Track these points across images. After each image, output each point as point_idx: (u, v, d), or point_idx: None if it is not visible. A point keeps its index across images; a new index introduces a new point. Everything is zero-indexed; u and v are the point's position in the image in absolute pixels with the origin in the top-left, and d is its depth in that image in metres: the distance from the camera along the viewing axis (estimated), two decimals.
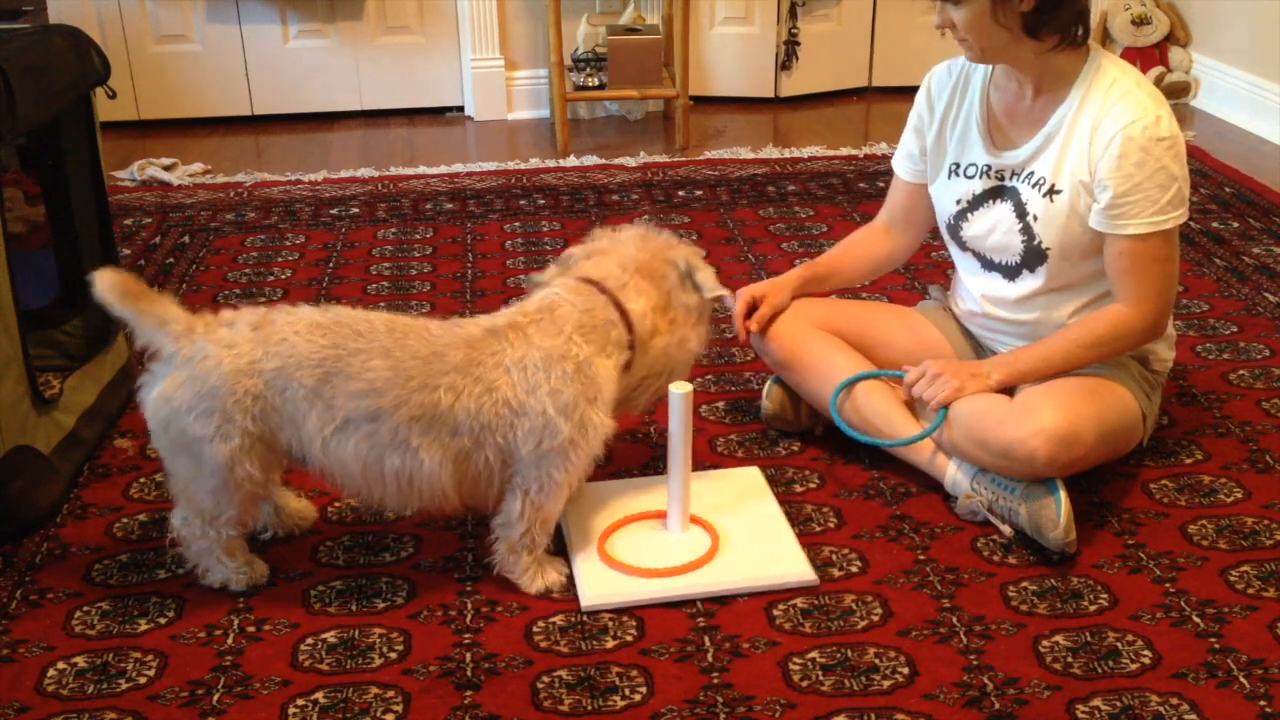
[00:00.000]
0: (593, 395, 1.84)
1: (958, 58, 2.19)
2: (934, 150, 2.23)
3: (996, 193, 2.14)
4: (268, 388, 1.78)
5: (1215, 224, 3.38)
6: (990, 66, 2.13)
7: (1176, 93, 4.56)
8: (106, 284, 1.80)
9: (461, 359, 1.80)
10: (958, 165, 2.18)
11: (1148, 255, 2.01)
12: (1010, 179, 2.12)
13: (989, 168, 2.14)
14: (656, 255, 2.00)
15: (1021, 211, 2.09)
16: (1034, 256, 2.11)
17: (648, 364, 1.98)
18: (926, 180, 2.28)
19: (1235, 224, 3.38)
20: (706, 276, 2.03)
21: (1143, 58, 4.60)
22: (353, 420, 1.78)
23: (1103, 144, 1.98)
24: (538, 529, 1.88)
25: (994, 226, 2.14)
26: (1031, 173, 2.08)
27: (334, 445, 1.79)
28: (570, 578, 1.94)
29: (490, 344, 1.83)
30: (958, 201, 2.19)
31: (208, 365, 1.78)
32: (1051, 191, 2.06)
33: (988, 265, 2.20)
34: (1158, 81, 4.53)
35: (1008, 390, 2.11)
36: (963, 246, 2.23)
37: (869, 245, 2.39)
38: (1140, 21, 4.58)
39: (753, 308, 2.30)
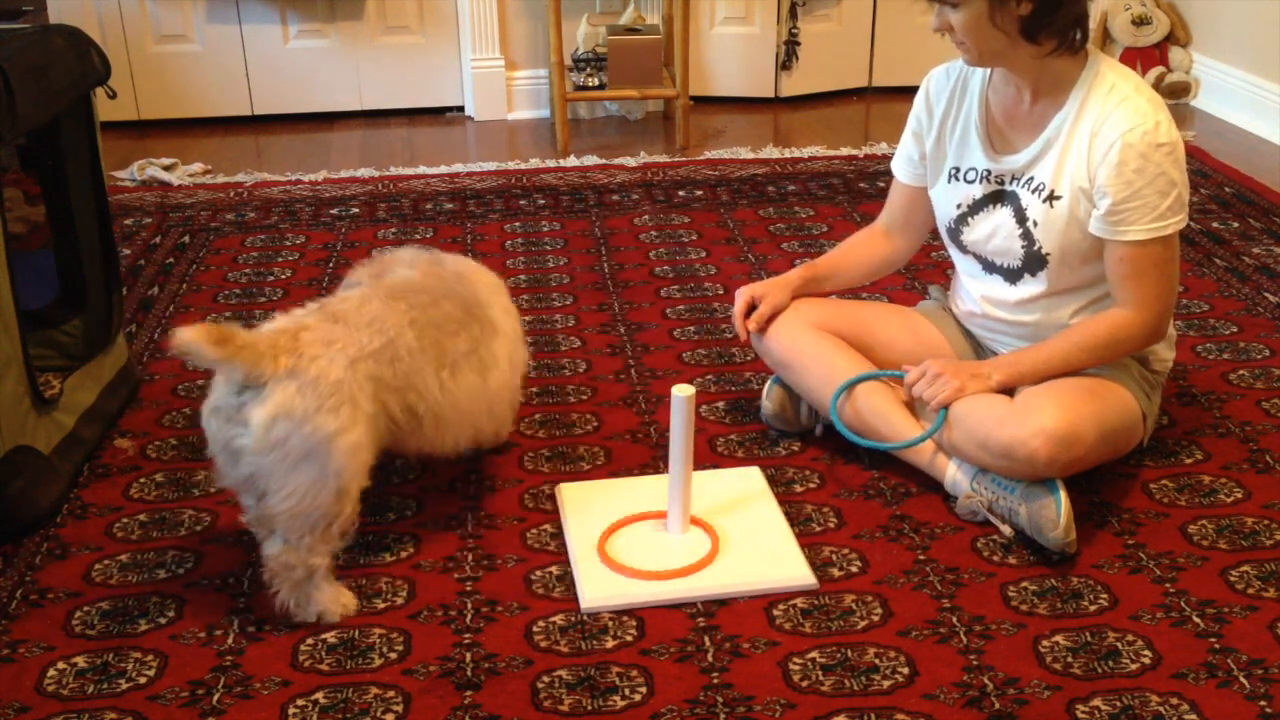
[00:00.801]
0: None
1: (956, 60, 2.19)
2: (933, 154, 2.23)
3: (997, 197, 2.13)
4: (381, 364, 1.87)
5: (1215, 224, 3.38)
6: (988, 70, 2.13)
7: (1176, 93, 4.56)
8: (193, 339, 1.71)
9: (469, 291, 2.09)
10: (957, 169, 2.18)
11: (1147, 261, 2.01)
12: (1010, 184, 2.12)
13: (989, 172, 2.13)
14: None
15: (1021, 217, 2.09)
16: (1034, 261, 2.11)
17: None
18: (926, 184, 2.28)
19: (1235, 224, 3.38)
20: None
21: (1143, 58, 4.60)
22: (461, 356, 1.98)
23: (1102, 150, 1.98)
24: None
25: (994, 231, 2.14)
26: (1031, 178, 2.08)
27: (450, 385, 1.96)
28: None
29: (467, 273, 2.15)
30: (958, 206, 2.19)
31: (321, 365, 1.79)
32: (1051, 197, 2.05)
33: (989, 268, 2.20)
34: (1158, 81, 4.53)
35: (1008, 390, 2.11)
36: (963, 249, 2.23)
37: (869, 247, 2.40)
38: (1140, 21, 4.57)
39: (752, 307, 2.30)
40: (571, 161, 4.01)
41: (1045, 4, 1.94)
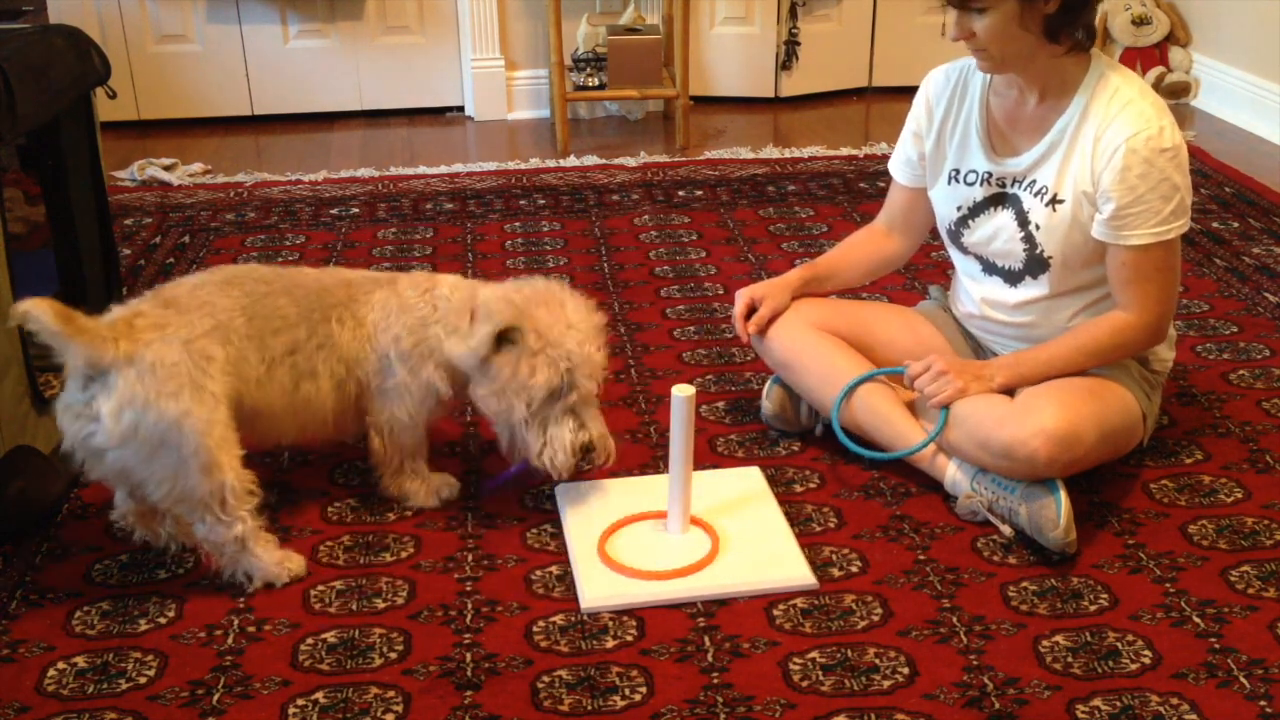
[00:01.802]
0: (425, 354, 2.04)
1: (955, 62, 2.19)
2: (933, 156, 2.22)
3: (998, 200, 2.13)
4: (214, 344, 1.89)
5: (1215, 224, 3.38)
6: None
7: (1176, 93, 4.56)
8: (38, 311, 1.75)
9: (344, 296, 2.06)
10: (957, 171, 2.18)
11: (1150, 265, 2.01)
12: (1012, 186, 2.11)
13: (990, 175, 2.13)
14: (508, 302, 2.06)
15: (1024, 220, 2.09)
16: (1036, 264, 2.11)
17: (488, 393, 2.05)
18: (925, 185, 2.28)
19: (1235, 224, 3.38)
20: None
21: (1143, 58, 4.60)
22: (278, 355, 1.98)
23: (1106, 155, 1.98)
24: (407, 462, 2.11)
25: (995, 234, 2.14)
26: (1034, 181, 2.08)
27: (266, 380, 1.96)
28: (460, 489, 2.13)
29: (367, 286, 2.09)
30: (958, 208, 2.19)
31: (157, 350, 1.82)
32: (1054, 201, 2.05)
33: (989, 269, 2.19)
34: (1158, 81, 4.53)
35: (1008, 390, 2.10)
36: (964, 250, 2.22)
37: (869, 247, 2.39)
38: (1140, 21, 4.57)
39: (753, 309, 2.30)
40: (571, 161, 4.01)
41: (1071, 1, 1.93)
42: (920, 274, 3.06)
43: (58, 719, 1.68)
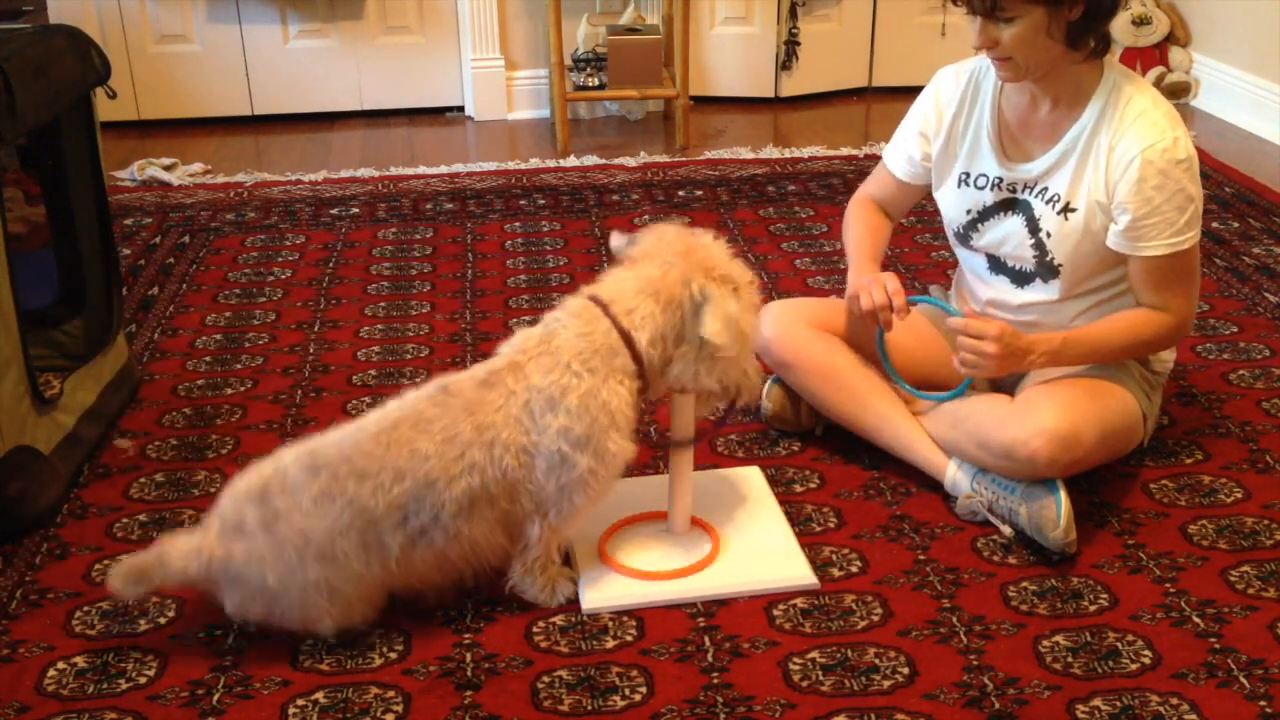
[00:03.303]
0: (605, 424, 1.79)
1: (965, 62, 2.17)
2: (941, 157, 2.21)
3: (1008, 205, 2.12)
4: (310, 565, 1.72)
5: (1215, 224, 3.38)
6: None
7: (1176, 93, 4.56)
8: (120, 576, 1.71)
9: (470, 429, 1.75)
10: (968, 175, 2.16)
11: (1171, 272, 2.01)
12: (1023, 192, 2.10)
13: (1001, 180, 2.12)
14: (676, 279, 1.83)
15: (1034, 227, 2.08)
16: (1046, 270, 2.10)
17: (675, 385, 1.89)
18: (920, 181, 2.26)
19: (1235, 224, 3.38)
20: (713, 319, 1.80)
21: (1143, 58, 4.60)
22: (415, 536, 1.75)
23: (1121, 166, 1.97)
24: (553, 550, 1.87)
25: (1005, 238, 2.13)
26: (1045, 188, 2.07)
27: (406, 564, 1.76)
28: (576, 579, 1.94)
29: (490, 399, 1.78)
30: (968, 211, 2.17)
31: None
32: (1066, 209, 2.05)
33: (997, 268, 2.18)
34: (1158, 81, 4.53)
35: (1009, 389, 2.10)
36: (971, 249, 2.21)
37: (883, 228, 2.32)
38: (1140, 21, 4.57)
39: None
40: (571, 161, 4.01)
41: (1095, 6, 1.91)
42: (920, 274, 3.05)
43: (58, 719, 1.68)
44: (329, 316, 2.89)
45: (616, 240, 1.96)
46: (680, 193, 3.71)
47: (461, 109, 4.59)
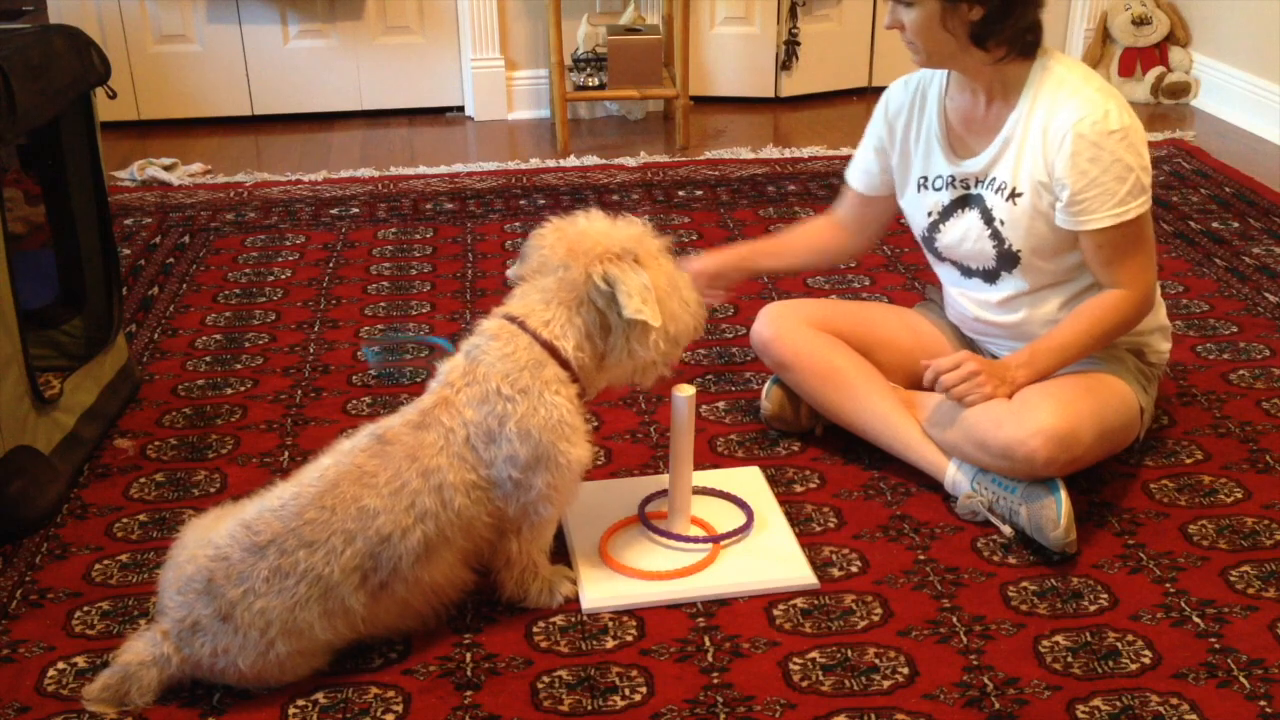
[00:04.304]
0: (550, 439, 1.75)
1: (915, 72, 2.20)
2: (900, 166, 2.24)
3: (964, 201, 2.15)
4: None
5: (1215, 224, 3.38)
6: (945, 77, 2.14)
7: (1176, 93, 4.56)
8: (98, 703, 1.68)
9: (415, 476, 1.71)
10: (925, 178, 2.19)
11: (1121, 245, 2.02)
12: (975, 186, 2.13)
13: (953, 178, 2.15)
14: (576, 278, 1.79)
15: (989, 217, 2.10)
16: (1007, 260, 2.11)
17: (617, 377, 1.87)
18: (879, 193, 2.30)
19: (1235, 224, 3.38)
20: (628, 298, 1.75)
21: (1143, 58, 4.60)
22: (376, 592, 1.71)
23: (1055, 143, 1.99)
24: (536, 558, 1.86)
25: (964, 235, 2.14)
26: (993, 178, 2.09)
27: (373, 620, 1.74)
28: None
29: (430, 441, 1.73)
30: (929, 214, 2.20)
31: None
32: (1013, 195, 2.06)
33: (966, 272, 2.20)
34: (1158, 81, 4.53)
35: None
36: (939, 257, 2.23)
37: (818, 236, 2.42)
38: (1140, 21, 4.57)
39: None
40: (571, 161, 4.01)
41: (995, 11, 1.95)
42: (920, 274, 3.06)
43: (58, 719, 1.68)
44: (329, 316, 2.89)
45: (510, 271, 1.95)
46: (680, 193, 3.71)
47: (461, 109, 4.59)
